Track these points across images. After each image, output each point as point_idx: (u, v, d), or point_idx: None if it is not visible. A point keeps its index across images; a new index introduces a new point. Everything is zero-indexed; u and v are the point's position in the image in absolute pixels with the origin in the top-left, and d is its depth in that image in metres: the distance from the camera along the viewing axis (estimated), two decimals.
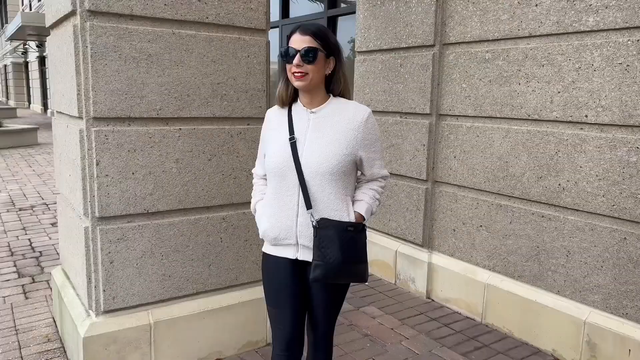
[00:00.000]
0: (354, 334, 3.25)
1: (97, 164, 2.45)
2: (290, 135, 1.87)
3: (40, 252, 4.75)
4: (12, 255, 4.66)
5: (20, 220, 5.84)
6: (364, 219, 1.92)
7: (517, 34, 3.14)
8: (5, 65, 37.34)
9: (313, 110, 1.89)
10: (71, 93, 2.50)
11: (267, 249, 1.99)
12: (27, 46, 25.75)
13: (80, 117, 2.46)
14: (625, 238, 2.71)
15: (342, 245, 1.79)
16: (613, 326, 2.76)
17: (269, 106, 2.85)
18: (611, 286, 2.79)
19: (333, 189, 1.84)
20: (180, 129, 2.65)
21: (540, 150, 3.07)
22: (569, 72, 2.89)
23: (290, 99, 1.93)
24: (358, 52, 4.31)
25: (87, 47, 2.37)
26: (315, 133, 1.86)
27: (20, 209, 6.34)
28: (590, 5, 2.77)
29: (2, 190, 7.41)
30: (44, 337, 3.15)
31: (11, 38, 19.85)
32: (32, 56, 27.66)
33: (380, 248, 4.19)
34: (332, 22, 6.12)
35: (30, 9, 27.01)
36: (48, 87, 25.07)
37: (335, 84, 1.90)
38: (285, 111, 1.95)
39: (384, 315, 3.53)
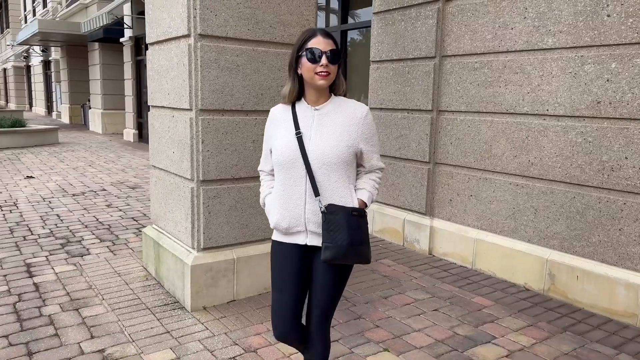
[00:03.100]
0: (375, 275, 4.29)
1: (202, 142, 3.47)
2: (296, 130, 2.03)
3: (108, 225, 5.74)
4: (86, 227, 5.64)
5: (78, 203, 6.81)
6: (366, 205, 2.10)
7: (498, 50, 4.21)
8: (4, 69, 38.04)
9: (317, 107, 2.06)
10: (182, 92, 3.52)
11: (278, 237, 2.13)
12: (31, 50, 26.54)
13: (190, 109, 3.48)
14: (574, 197, 3.78)
15: (349, 228, 1.94)
16: (566, 260, 3.82)
17: None
18: (565, 233, 3.85)
19: (338, 178, 2.01)
20: (256, 118, 3.67)
21: (515, 136, 4.13)
22: (535, 78, 3.96)
23: (295, 97, 2.08)
24: (372, 61, 5.37)
25: (197, 59, 3.39)
26: (320, 128, 2.03)
27: (73, 195, 7.31)
28: (549, 30, 3.84)
29: (49, 181, 8.36)
30: (142, 277, 4.15)
31: (22, 43, 20.65)
32: (36, 60, 28.42)
33: (391, 218, 5.23)
34: (344, 34, 7.17)
35: (34, 15, 27.79)
36: (53, 90, 25.89)
37: (338, 86, 2.08)
38: (289, 109, 2.10)
39: (396, 264, 4.58)
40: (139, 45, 14.75)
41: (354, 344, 3.10)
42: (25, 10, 31.01)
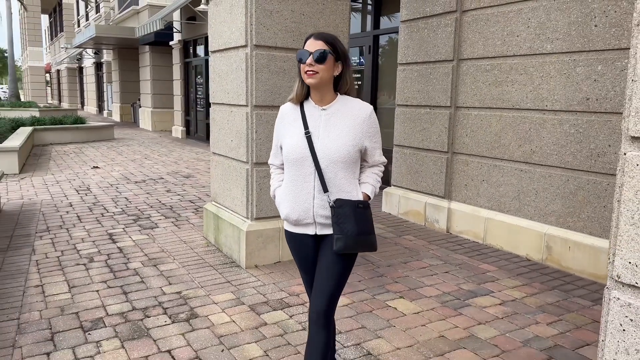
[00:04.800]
0: (398, 247, 5.03)
1: (256, 132, 4.30)
2: (305, 129, 2.13)
3: (170, 206, 6.68)
4: (151, 207, 6.59)
5: (141, 188, 7.80)
6: (370, 198, 2.24)
7: (506, 54, 4.88)
8: (58, 71, 40.36)
9: (324, 107, 2.16)
10: (239, 91, 4.36)
11: (290, 227, 2.28)
12: (83, 52, 28.29)
13: (246, 105, 4.31)
14: (568, 180, 4.43)
15: (356, 220, 2.09)
16: (561, 234, 4.47)
17: None
18: (560, 210, 4.50)
19: (344, 175, 2.14)
20: None
21: (520, 128, 4.80)
22: (537, 78, 4.62)
23: (302, 97, 2.19)
24: (400, 63, 6.10)
25: (253, 65, 4.22)
26: (328, 127, 2.13)
27: (135, 182, 8.33)
28: (548, 37, 4.50)
29: (113, 171, 9.44)
30: (204, 244, 5.03)
31: (78, 46, 22.21)
32: (88, 62, 30.21)
33: (414, 201, 5.95)
34: (376, 39, 7.92)
35: (87, 19, 29.57)
36: (104, 90, 27.56)
37: (342, 85, 2.19)
38: (298, 108, 2.21)
39: (417, 239, 5.31)
40: (187, 48, 15.86)
41: (375, 293, 3.87)
42: (78, 15, 32.94)
